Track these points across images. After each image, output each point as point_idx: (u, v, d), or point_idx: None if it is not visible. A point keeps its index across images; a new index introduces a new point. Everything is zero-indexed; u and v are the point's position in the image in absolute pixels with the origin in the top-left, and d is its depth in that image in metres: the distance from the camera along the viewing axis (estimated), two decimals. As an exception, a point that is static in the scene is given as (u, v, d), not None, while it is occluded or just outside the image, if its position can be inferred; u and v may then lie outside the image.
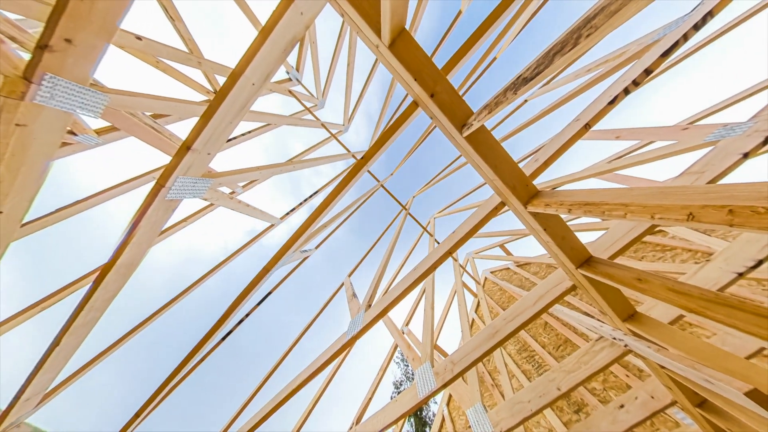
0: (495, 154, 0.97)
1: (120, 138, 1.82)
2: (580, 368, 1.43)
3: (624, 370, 2.46)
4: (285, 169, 2.21)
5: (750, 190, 0.46)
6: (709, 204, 0.49)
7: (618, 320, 1.22)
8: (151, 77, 5.42)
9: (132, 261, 1.19)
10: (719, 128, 1.23)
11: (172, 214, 1.22)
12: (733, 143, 1.07)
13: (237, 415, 2.19)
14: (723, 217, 0.47)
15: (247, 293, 1.61)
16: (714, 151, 1.10)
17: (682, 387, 1.25)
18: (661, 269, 2.55)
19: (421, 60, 0.86)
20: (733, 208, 0.46)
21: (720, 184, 0.52)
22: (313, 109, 3.93)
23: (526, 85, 0.60)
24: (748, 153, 0.99)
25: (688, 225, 0.52)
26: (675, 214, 0.54)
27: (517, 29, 2.58)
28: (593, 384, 2.66)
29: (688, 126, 1.45)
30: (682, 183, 1.11)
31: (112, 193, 1.87)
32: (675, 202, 0.55)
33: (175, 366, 1.69)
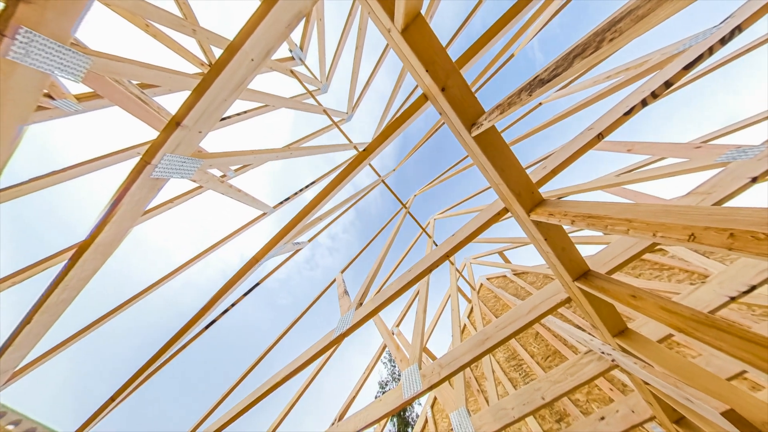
0: (503, 158, 0.97)
1: (103, 107, 1.74)
2: (567, 379, 1.50)
3: (609, 384, 2.58)
4: (282, 155, 2.17)
5: (753, 215, 0.47)
6: (712, 226, 0.51)
7: (608, 335, 1.28)
8: (139, 43, 5.06)
9: (112, 240, 1.17)
10: (732, 150, 1.25)
11: (158, 193, 1.19)
12: (743, 166, 1.09)
13: (212, 409, 2.23)
14: (723, 241, 0.49)
15: (233, 283, 1.61)
16: (723, 172, 1.13)
17: (663, 403, 1.33)
18: (657, 288, 2.65)
19: (434, 50, 0.84)
20: (734, 231, 0.48)
21: (724, 207, 0.53)
22: (316, 93, 3.83)
23: (542, 86, 0.60)
24: (756, 177, 1.02)
25: (688, 246, 0.54)
26: (677, 233, 0.56)
27: (538, 26, 2.54)
28: (577, 395, 2.79)
29: (701, 145, 1.48)
30: (688, 203, 1.14)
31: (92, 167, 1.82)
32: (678, 221, 0.56)
33: (155, 352, 1.70)
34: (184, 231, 54.70)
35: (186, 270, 2.33)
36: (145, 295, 2.15)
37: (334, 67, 3.82)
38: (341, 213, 3.73)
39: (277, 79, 4.11)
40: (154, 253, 57.13)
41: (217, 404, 2.29)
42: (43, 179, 1.61)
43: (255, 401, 1.72)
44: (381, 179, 4.16)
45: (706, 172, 1.39)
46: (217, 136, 41.58)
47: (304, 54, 3.54)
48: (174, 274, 2.26)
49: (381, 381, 15.00)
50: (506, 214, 1.21)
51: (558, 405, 2.84)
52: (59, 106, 1.53)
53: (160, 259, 54.02)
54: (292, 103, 3.01)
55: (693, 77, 1.74)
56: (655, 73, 0.93)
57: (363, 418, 1.62)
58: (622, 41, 0.44)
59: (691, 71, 0.78)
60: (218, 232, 56.85)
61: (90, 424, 1.72)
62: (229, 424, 1.78)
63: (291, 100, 3.00)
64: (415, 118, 1.24)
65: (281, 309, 58.07)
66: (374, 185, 4.12)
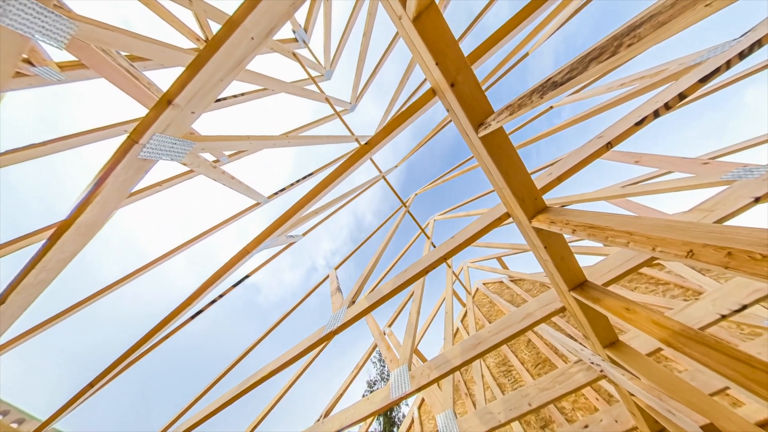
0: (509, 161, 0.97)
1: (88, 78, 1.68)
2: (554, 387, 1.56)
3: (595, 393, 2.69)
4: (279, 143, 2.14)
5: (751, 235, 0.49)
6: (710, 244, 0.52)
7: (599, 346, 1.32)
8: (131, 12, 4.78)
9: (94, 221, 1.15)
10: (738, 168, 1.28)
11: (145, 175, 1.17)
12: (747, 185, 1.12)
13: (193, 403, 2.25)
14: (721, 259, 0.50)
15: (222, 273, 1.60)
16: (728, 190, 1.15)
17: (645, 414, 1.39)
18: (652, 302, 2.74)
19: (446, 42, 0.83)
20: (732, 250, 0.49)
21: (725, 225, 0.55)
22: (319, 79, 3.74)
23: (555, 89, 0.60)
24: (759, 198, 1.04)
25: (686, 262, 0.55)
26: (676, 249, 0.58)
27: (556, 24, 2.51)
28: (563, 403, 2.91)
29: (708, 161, 1.50)
30: (690, 219, 1.17)
31: (73, 143, 1.76)
32: (678, 237, 0.58)
33: (137, 340, 1.70)
34: (184, 218, 53.85)
35: (174, 257, 2.31)
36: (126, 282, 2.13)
37: (339, 53, 3.72)
38: (339, 207, 3.71)
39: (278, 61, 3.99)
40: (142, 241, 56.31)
41: (198, 398, 2.32)
42: (18, 152, 1.56)
43: (240, 394, 1.74)
44: (382, 175, 4.14)
45: (711, 189, 1.42)
46: (212, 120, 41.31)
47: (308, 36, 3.43)
48: (157, 263, 2.24)
49: (369, 380, 15.34)
50: (507, 219, 1.22)
51: (544, 411, 2.95)
52: (40, 73, 1.46)
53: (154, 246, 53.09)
54: (292, 88, 2.94)
55: (708, 90, 1.76)
56: (669, 84, 0.93)
57: (349, 416, 1.66)
58: (641, 47, 0.44)
59: (706, 84, 0.79)
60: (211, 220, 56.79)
61: (67, 410, 1.72)
62: (212, 415, 1.81)
63: (292, 85, 2.93)
64: (421, 114, 1.23)
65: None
66: (375, 181, 4.09)
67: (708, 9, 0.35)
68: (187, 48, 2.05)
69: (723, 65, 0.74)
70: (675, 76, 1.56)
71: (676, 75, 1.55)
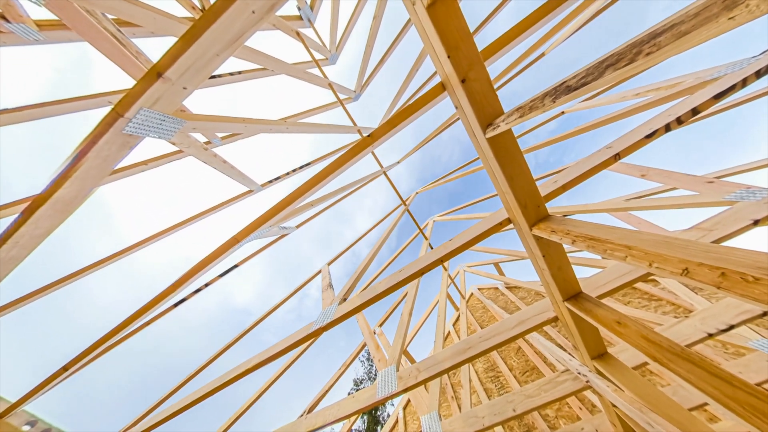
0: (514, 165, 0.98)
1: (69, 40, 1.59)
2: (540, 395, 1.63)
3: (579, 403, 2.82)
4: (276, 129, 2.09)
5: (747, 257, 0.51)
6: (706, 263, 0.54)
7: (588, 357, 1.38)
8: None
9: (73, 198, 1.11)
10: (741, 189, 1.32)
11: (130, 152, 1.13)
12: (748, 207, 1.16)
13: (173, 392, 2.26)
14: (714, 278, 0.52)
15: (209, 261, 1.59)
16: (728, 211, 1.19)
17: (625, 426, 1.47)
18: (643, 317, 2.85)
19: (460, 34, 0.81)
20: (726, 271, 0.51)
21: (721, 245, 0.57)
22: (323, 63, 3.64)
23: (568, 94, 0.60)
24: (759, 220, 1.08)
25: (681, 279, 0.57)
26: (672, 266, 0.60)
27: (577, 24, 2.48)
28: (547, 410, 3.04)
29: (713, 180, 1.54)
30: (689, 237, 1.21)
31: (51, 110, 1.68)
32: (675, 254, 0.60)
33: (115, 325, 1.68)
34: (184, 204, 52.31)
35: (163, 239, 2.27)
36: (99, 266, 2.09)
37: (346, 36, 3.61)
38: (335, 201, 3.69)
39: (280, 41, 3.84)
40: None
41: (175, 390, 2.33)
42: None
43: (221, 386, 1.76)
44: (383, 170, 4.11)
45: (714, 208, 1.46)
46: (205, 98, 38.67)
47: (314, 15, 3.32)
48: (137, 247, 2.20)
49: (356, 378, 15.69)
50: (508, 225, 1.24)
51: (527, 418, 3.09)
52: (15, 30, 1.38)
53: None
54: (294, 70, 2.86)
55: (722, 107, 1.79)
56: (684, 98, 0.94)
57: (333, 413, 1.71)
58: (660, 57, 0.44)
59: (721, 101, 0.80)
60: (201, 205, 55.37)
61: (38, 393, 1.71)
62: (192, 405, 1.83)
63: (293, 67, 2.85)
64: (429, 109, 1.22)
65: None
66: (375, 176, 4.07)
67: (731, 23, 0.36)
68: (182, 17, 1.95)
69: (739, 83, 0.75)
70: (690, 90, 1.58)
71: (691, 89, 1.57)
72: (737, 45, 5.05)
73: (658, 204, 1.88)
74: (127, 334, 2.04)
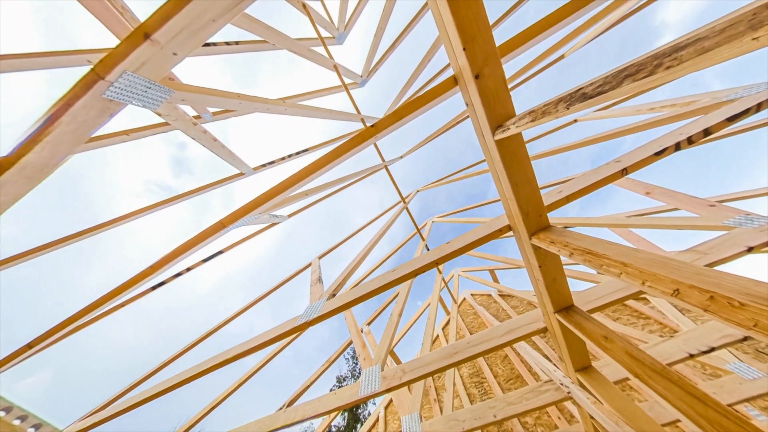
0: (521, 171, 0.99)
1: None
2: (522, 402, 1.72)
3: (558, 412, 2.99)
4: (273, 109, 2.03)
5: (736, 283, 0.54)
6: (696, 285, 0.57)
7: (572, 369, 1.45)
8: None
9: (44, 164, 1.06)
10: (741, 216, 1.38)
11: (109, 119, 1.08)
12: (744, 234, 1.21)
13: (144, 379, 2.27)
14: (703, 301, 0.55)
15: (192, 245, 1.56)
16: (725, 236, 1.25)
17: (601, 437, 1.57)
18: (630, 334, 3.00)
19: (479, 24, 0.80)
20: (715, 295, 0.54)
21: (714, 269, 0.60)
22: (329, 42, 3.51)
23: (583, 101, 0.60)
24: (752, 248, 1.14)
25: (671, 300, 0.60)
26: (664, 286, 0.63)
27: (602, 27, 2.47)
28: (527, 418, 3.21)
29: (715, 204, 1.60)
30: (684, 258, 1.26)
31: (17, 64, 1.57)
32: (668, 275, 0.63)
33: (88, 304, 1.65)
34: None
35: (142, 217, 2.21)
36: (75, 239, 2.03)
37: (357, 14, 3.48)
38: (332, 192, 3.66)
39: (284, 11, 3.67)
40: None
41: (150, 375, 2.33)
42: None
43: (200, 374, 1.77)
44: (384, 164, 4.08)
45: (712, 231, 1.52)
46: (196, 68, 35.08)
47: (323, -13, 3.17)
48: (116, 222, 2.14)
49: (339, 375, 16.05)
50: (508, 232, 1.26)
51: (507, 424, 3.25)
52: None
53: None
54: (297, 46, 2.75)
55: (734, 130, 1.84)
56: (697, 117, 0.96)
57: (313, 408, 1.75)
58: (680, 71, 0.45)
59: (734, 123, 0.82)
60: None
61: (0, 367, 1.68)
62: (168, 391, 1.84)
63: (297, 42, 2.74)
64: (439, 103, 1.20)
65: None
66: (376, 169, 4.03)
67: (755, 43, 0.36)
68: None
69: (753, 107, 0.77)
70: (705, 110, 1.61)
71: (706, 108, 1.60)
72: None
73: (658, 223, 1.94)
74: (99, 314, 2.01)
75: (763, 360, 2.45)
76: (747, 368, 1.77)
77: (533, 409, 1.66)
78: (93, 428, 1.92)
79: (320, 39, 3.20)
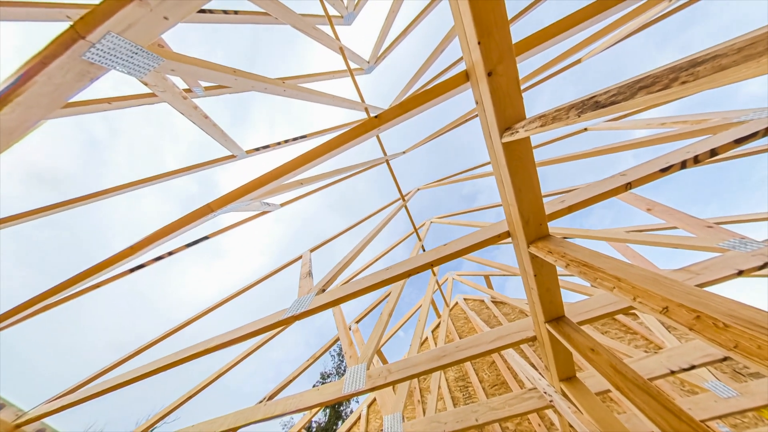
0: (525, 177, 1.00)
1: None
2: (504, 408, 1.79)
3: (539, 420, 3.14)
4: (271, 89, 1.97)
5: (722, 304, 0.57)
6: (685, 305, 0.60)
7: (556, 379, 1.52)
8: None
9: (14, 127, 1.01)
10: (735, 239, 1.44)
11: (90, 84, 1.03)
12: (736, 257, 1.27)
13: (116, 364, 2.25)
14: (689, 320, 0.58)
15: (176, 227, 1.53)
16: (718, 258, 1.31)
17: (577, 445, 1.67)
18: (616, 347, 3.14)
19: (496, 17, 0.79)
20: (701, 315, 0.57)
21: (703, 290, 0.63)
22: (337, 21, 3.40)
23: (596, 110, 0.61)
24: (743, 271, 1.20)
25: (659, 317, 0.64)
26: (654, 303, 0.66)
27: (622, 33, 2.47)
28: (507, 423, 3.37)
29: (713, 225, 1.67)
30: (677, 277, 1.32)
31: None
32: (659, 292, 0.66)
33: (59, 282, 1.61)
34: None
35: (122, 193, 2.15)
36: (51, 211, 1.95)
37: (368, -6, 3.36)
38: (327, 184, 3.62)
39: (290, -19, 3.49)
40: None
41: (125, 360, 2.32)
42: None
43: (179, 361, 1.77)
44: (385, 158, 4.05)
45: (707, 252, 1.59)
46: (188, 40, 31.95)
47: (334, -41, 3.04)
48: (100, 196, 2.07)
49: (324, 372, 16.33)
50: (506, 239, 1.29)
51: (488, 428, 3.40)
52: None
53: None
54: (301, 22, 2.65)
55: (741, 153, 1.90)
56: (706, 137, 0.99)
57: (294, 403, 1.78)
58: (694, 88, 0.45)
59: (741, 146, 0.85)
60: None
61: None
62: (144, 377, 1.83)
63: (301, 18, 2.64)
64: (448, 98, 1.19)
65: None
66: (377, 163, 4.00)
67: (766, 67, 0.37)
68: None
69: (761, 130, 0.80)
70: (714, 129, 1.65)
71: (715, 128, 1.65)
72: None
73: (656, 241, 2.01)
74: (71, 294, 1.97)
75: (739, 380, 2.62)
76: (723, 387, 1.90)
77: (515, 416, 1.74)
78: (60, 411, 1.91)
79: (327, 16, 3.09)
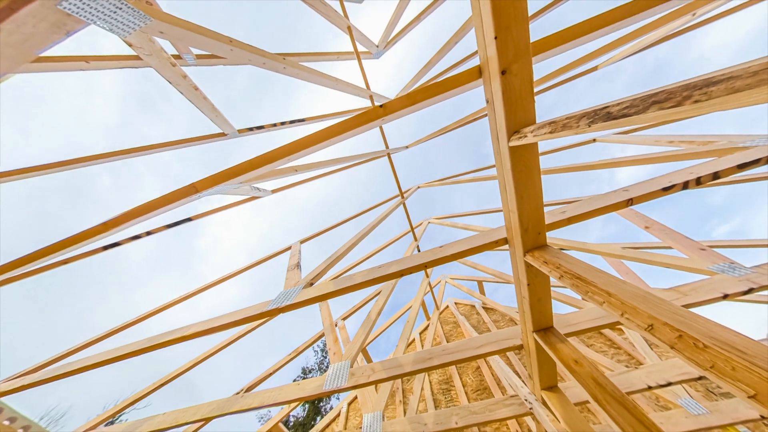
0: (529, 184, 1.01)
1: None
2: (484, 413, 1.88)
3: (517, 426, 3.32)
4: (270, 64, 1.90)
5: (704, 326, 0.61)
6: (670, 323, 0.64)
7: (539, 387, 1.60)
8: None
9: (-25, 80, 0.94)
10: (725, 263, 1.52)
11: (66, 38, 0.96)
12: (724, 281, 1.35)
13: (87, 344, 2.22)
14: (672, 339, 0.62)
15: (157, 205, 1.49)
16: (706, 281, 1.39)
17: (552, 451, 1.78)
18: (599, 360, 3.32)
19: (516, 12, 0.78)
20: (684, 334, 0.61)
21: (688, 310, 0.67)
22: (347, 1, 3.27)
23: (607, 121, 0.62)
24: (728, 295, 1.28)
25: (644, 334, 0.67)
26: (640, 320, 0.69)
27: (644, 43, 2.49)
28: (486, 427, 3.54)
29: (706, 248, 1.76)
30: (665, 297, 1.40)
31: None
32: (647, 310, 0.69)
33: (24, 254, 1.55)
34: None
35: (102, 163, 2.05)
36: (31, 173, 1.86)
37: (383, -29, 3.23)
38: (324, 173, 3.57)
39: (299, -54, 3.30)
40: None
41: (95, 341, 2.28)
42: None
43: (154, 347, 1.76)
44: (387, 152, 4.02)
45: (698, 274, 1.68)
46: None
47: (349, -73, 2.90)
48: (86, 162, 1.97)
49: (306, 367, 16.57)
50: (503, 245, 1.32)
51: (467, 431, 3.57)
52: None
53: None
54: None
55: (743, 178, 1.98)
56: (708, 159, 1.03)
57: (272, 396, 1.81)
58: (706, 108, 0.47)
59: (744, 171, 0.88)
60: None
61: None
62: (119, 359, 1.81)
63: (308, -11, 2.52)
64: (458, 93, 1.18)
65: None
66: (378, 155, 3.97)
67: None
68: None
69: (764, 157, 0.84)
70: (720, 152, 1.72)
71: (721, 151, 1.71)
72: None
73: (650, 259, 2.11)
74: (36, 268, 1.90)
75: (711, 399, 2.83)
76: (695, 404, 2.05)
77: (494, 420, 1.83)
78: (20, 391, 1.88)
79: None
